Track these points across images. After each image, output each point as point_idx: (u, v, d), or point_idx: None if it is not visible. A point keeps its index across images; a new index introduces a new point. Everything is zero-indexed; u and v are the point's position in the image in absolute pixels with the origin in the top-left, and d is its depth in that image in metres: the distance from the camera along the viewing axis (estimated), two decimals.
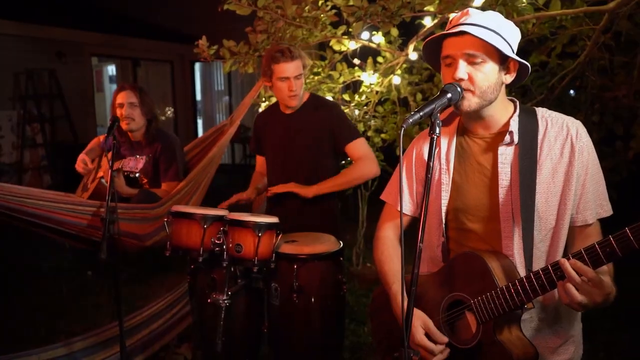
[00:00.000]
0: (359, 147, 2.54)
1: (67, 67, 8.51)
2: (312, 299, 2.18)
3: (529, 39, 2.94)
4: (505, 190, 1.47)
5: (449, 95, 1.38)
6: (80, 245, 2.91)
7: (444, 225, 1.58)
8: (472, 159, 1.55)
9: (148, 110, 2.99)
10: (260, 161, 2.81)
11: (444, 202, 1.57)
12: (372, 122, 3.79)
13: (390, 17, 2.95)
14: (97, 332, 2.86)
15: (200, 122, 11.91)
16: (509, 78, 1.47)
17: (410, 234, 1.76)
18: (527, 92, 3.30)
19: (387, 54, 3.49)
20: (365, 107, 3.74)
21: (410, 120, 1.29)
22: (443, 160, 1.59)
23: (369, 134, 3.84)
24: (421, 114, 1.31)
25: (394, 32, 3.31)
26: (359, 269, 4.42)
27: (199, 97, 11.84)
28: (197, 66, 11.50)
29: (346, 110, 3.67)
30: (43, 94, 8.05)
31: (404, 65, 3.49)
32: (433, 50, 1.50)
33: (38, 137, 8.05)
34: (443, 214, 1.58)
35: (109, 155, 2.48)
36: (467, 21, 1.42)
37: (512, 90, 3.16)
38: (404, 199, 1.70)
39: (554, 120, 1.48)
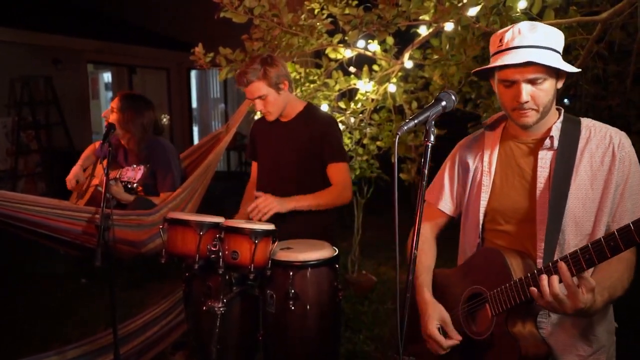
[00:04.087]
0: (341, 172, 2.50)
1: (63, 73, 8.50)
2: (308, 307, 2.17)
3: None
4: (542, 194, 1.50)
5: (444, 103, 1.41)
6: (75, 252, 2.89)
7: (480, 227, 1.62)
8: (513, 163, 1.59)
9: (146, 121, 2.96)
10: (255, 168, 2.81)
11: (483, 203, 1.61)
12: (368, 130, 3.81)
13: (386, 25, 2.97)
14: (91, 339, 2.84)
15: (196, 129, 11.91)
16: (560, 84, 1.51)
17: (449, 234, 1.84)
18: None
19: (383, 62, 3.51)
20: (360, 115, 3.75)
21: (405, 127, 1.32)
22: (485, 163, 1.63)
23: (365, 141, 3.85)
24: (416, 121, 1.34)
25: (390, 40, 3.33)
26: (354, 276, 4.42)
27: (195, 104, 11.84)
28: (193, 73, 11.51)
29: (342, 118, 3.69)
30: (39, 101, 8.03)
31: (400, 74, 3.51)
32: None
33: (33, 144, 8.02)
34: (481, 215, 1.62)
35: (104, 162, 2.47)
36: (524, 43, 1.43)
37: None
38: (445, 198, 1.76)
39: (598, 129, 1.51)
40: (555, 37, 1.46)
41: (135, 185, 2.56)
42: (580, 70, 1.48)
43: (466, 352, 1.55)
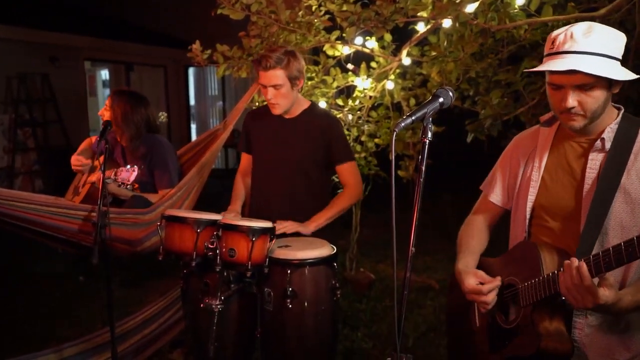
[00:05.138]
0: (351, 171, 2.57)
1: (60, 71, 8.47)
2: (306, 304, 2.17)
3: (521, 44, 2.95)
4: (588, 195, 1.49)
5: (441, 99, 1.41)
6: (71, 250, 2.88)
7: (527, 221, 1.63)
8: (564, 161, 1.58)
9: (138, 118, 2.94)
10: (245, 159, 2.78)
11: (531, 198, 1.62)
12: (366, 127, 3.80)
13: (384, 22, 2.96)
14: (88, 337, 2.83)
15: (193, 127, 11.89)
16: (616, 89, 1.47)
17: (502, 226, 1.87)
18: (519, 97, 3.32)
19: (381, 59, 3.50)
20: (358, 112, 3.74)
21: (403, 124, 1.32)
22: (537, 159, 1.63)
23: (363, 138, 3.85)
24: (413, 118, 1.34)
25: (388, 37, 3.33)
26: (352, 274, 4.42)
27: (192, 101, 11.82)
28: (191, 71, 11.49)
29: (340, 115, 3.68)
30: (36, 98, 8.01)
31: (397, 71, 3.51)
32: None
33: (30, 142, 8.00)
34: (528, 210, 1.63)
35: (101, 159, 2.46)
36: (574, 48, 1.40)
37: (504, 95, 3.18)
38: (496, 190, 1.79)
39: None
40: (612, 41, 1.42)
41: (129, 186, 2.55)
42: (638, 76, 1.43)
43: (494, 339, 1.61)
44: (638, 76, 1.42)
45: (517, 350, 1.50)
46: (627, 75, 1.41)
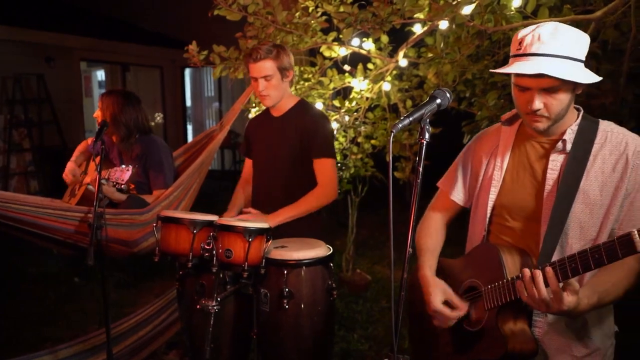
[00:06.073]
0: (325, 168, 2.50)
1: (55, 71, 8.44)
2: (302, 305, 2.17)
3: None
4: (549, 196, 1.50)
5: (439, 100, 1.41)
6: (67, 252, 2.87)
7: (487, 220, 1.64)
8: (525, 161, 1.59)
9: (127, 119, 2.93)
10: (247, 165, 2.80)
11: (492, 197, 1.63)
12: (362, 128, 3.80)
13: (381, 23, 2.97)
14: (83, 339, 2.82)
15: (190, 128, 11.88)
16: (579, 90, 1.48)
17: (459, 223, 1.88)
18: None
19: (377, 61, 3.51)
20: (355, 113, 3.75)
21: (400, 125, 1.32)
22: (499, 158, 1.64)
23: (359, 140, 3.85)
24: (410, 119, 1.35)
25: (384, 38, 3.33)
26: (349, 275, 4.42)
27: (188, 102, 11.80)
28: (187, 72, 11.47)
29: (336, 117, 3.68)
30: (31, 99, 7.98)
31: (394, 72, 3.51)
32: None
33: (25, 142, 7.96)
34: (489, 209, 1.63)
35: (97, 160, 2.45)
36: (541, 50, 1.39)
37: (500, 96, 3.19)
38: (457, 188, 1.80)
39: (614, 134, 1.49)
40: (577, 43, 1.41)
41: (123, 186, 2.54)
42: (601, 79, 1.43)
43: (458, 341, 1.61)
44: (601, 78, 1.43)
45: (484, 354, 1.51)
46: (591, 77, 1.41)
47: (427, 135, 1.33)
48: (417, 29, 3.20)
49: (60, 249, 2.89)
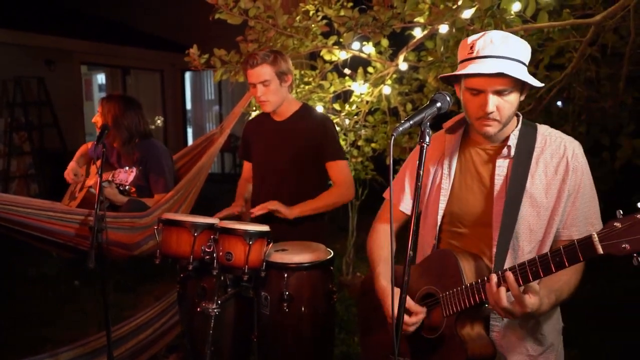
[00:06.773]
0: (341, 170, 2.54)
1: (56, 75, 8.46)
2: (302, 308, 2.17)
3: None
4: (498, 201, 1.52)
5: (439, 104, 1.41)
6: (68, 255, 2.88)
7: (438, 228, 1.64)
8: (472, 168, 1.61)
9: (128, 122, 2.94)
10: (247, 167, 2.80)
11: (442, 205, 1.64)
12: (363, 132, 3.81)
13: (381, 27, 2.98)
14: (84, 342, 2.82)
15: (190, 131, 11.89)
16: (523, 96, 1.51)
17: (404, 233, 1.81)
18: None
19: (378, 64, 3.52)
20: (355, 117, 3.75)
21: (400, 128, 1.33)
22: (445, 167, 1.65)
23: (360, 143, 3.86)
24: (411, 122, 1.35)
25: (385, 42, 3.34)
26: (349, 278, 4.42)
27: (189, 106, 11.83)
28: (188, 75, 11.50)
29: (336, 120, 3.69)
30: (31, 102, 7.99)
31: (394, 76, 3.52)
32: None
33: (25, 145, 7.97)
34: (439, 218, 1.64)
35: (98, 163, 2.45)
36: (495, 52, 1.42)
37: None
38: (406, 199, 1.78)
39: (553, 138, 1.53)
40: (525, 50, 1.47)
41: (127, 187, 2.54)
42: (542, 85, 1.50)
43: (417, 348, 1.60)
44: (543, 85, 1.48)
45: None
46: (538, 83, 1.46)
47: (427, 139, 1.33)
48: (417, 33, 3.21)
49: (60, 252, 2.89)
